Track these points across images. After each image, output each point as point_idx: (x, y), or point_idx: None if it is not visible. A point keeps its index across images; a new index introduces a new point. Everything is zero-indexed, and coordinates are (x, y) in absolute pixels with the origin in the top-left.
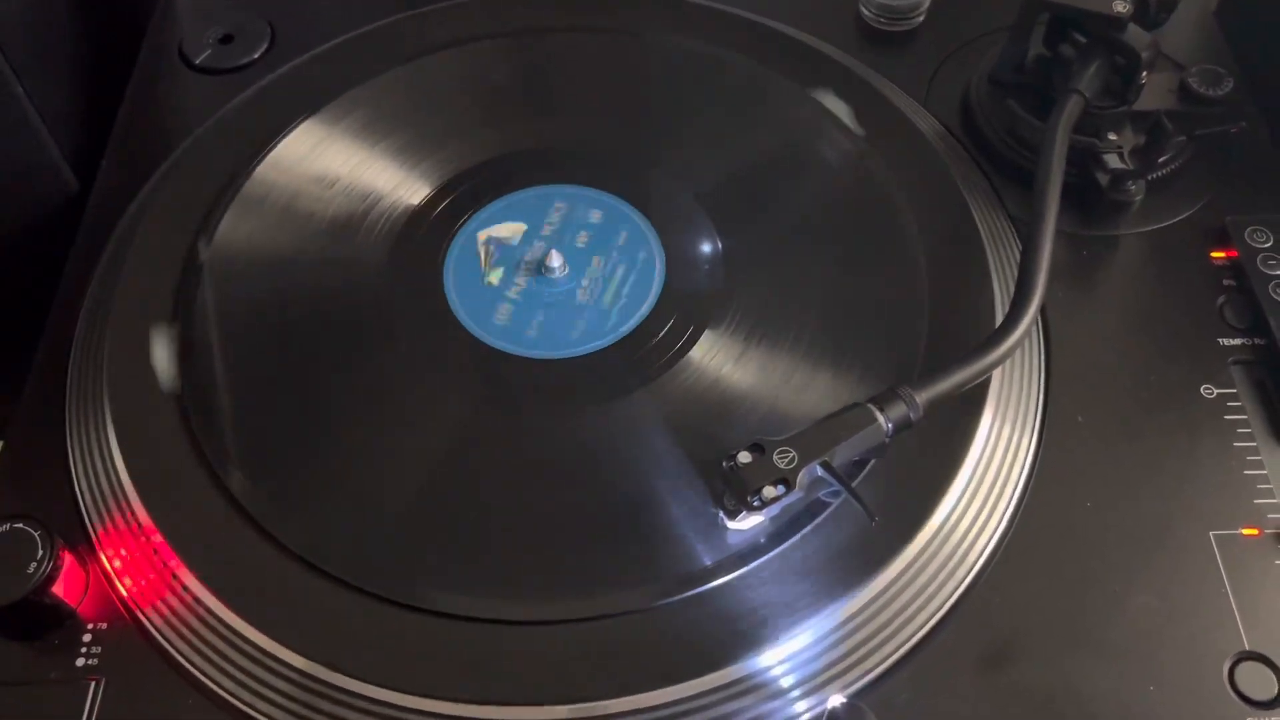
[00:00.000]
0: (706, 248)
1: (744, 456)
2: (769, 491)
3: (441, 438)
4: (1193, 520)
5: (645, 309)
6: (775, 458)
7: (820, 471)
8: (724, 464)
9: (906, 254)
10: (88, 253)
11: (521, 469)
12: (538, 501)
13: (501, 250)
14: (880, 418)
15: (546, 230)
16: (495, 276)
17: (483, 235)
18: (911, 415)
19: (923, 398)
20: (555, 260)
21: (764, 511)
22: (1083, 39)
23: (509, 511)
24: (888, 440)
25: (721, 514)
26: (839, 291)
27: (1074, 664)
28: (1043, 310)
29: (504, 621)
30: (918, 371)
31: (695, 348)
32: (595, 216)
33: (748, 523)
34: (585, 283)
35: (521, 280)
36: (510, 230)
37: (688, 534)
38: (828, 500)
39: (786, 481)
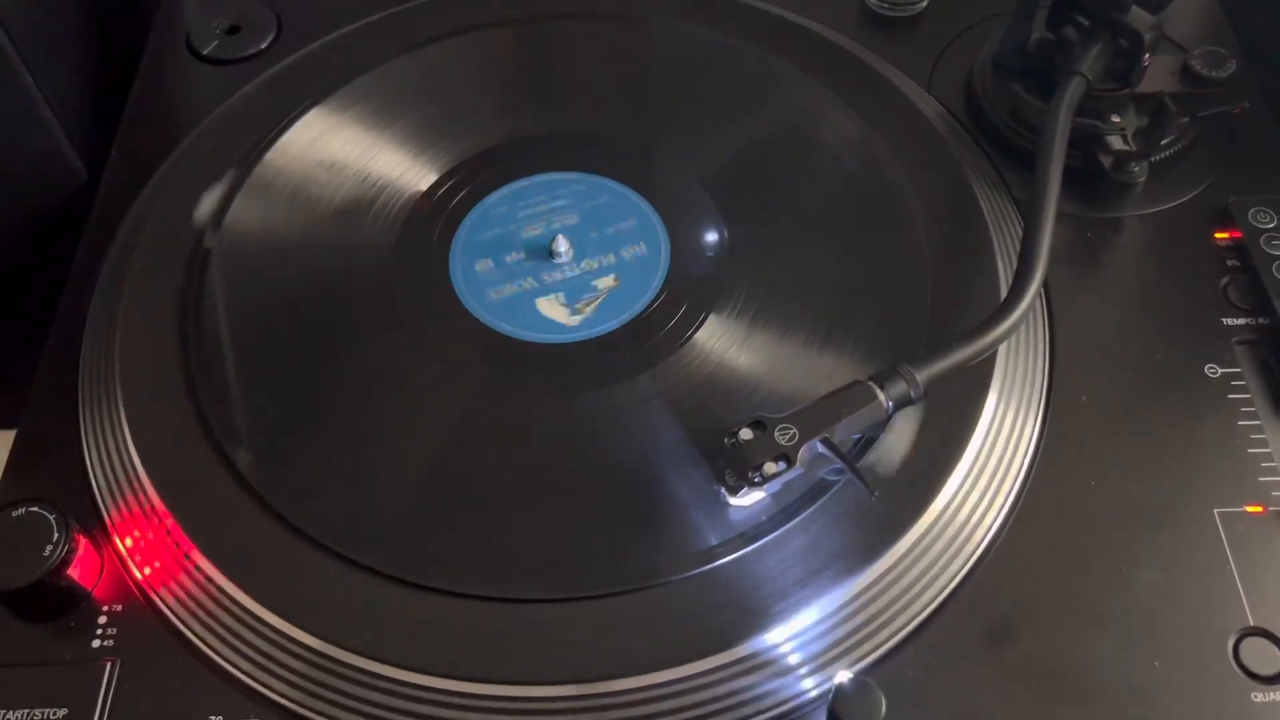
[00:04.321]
0: (712, 232)
1: (745, 433)
2: (770, 467)
3: (449, 419)
4: (1197, 498)
5: (651, 293)
6: (776, 434)
7: (821, 448)
8: (726, 440)
9: (910, 237)
10: (97, 241)
11: (529, 450)
12: (546, 482)
13: (515, 235)
14: (881, 395)
15: (551, 215)
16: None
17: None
18: (912, 393)
19: (923, 375)
20: (561, 245)
21: (765, 487)
22: (1086, 22)
23: (517, 491)
24: (889, 417)
25: (723, 490)
26: (844, 274)
27: (1079, 640)
28: (1046, 291)
29: (512, 600)
30: (921, 353)
31: (701, 331)
32: (601, 202)
33: (749, 499)
34: (591, 266)
35: (527, 264)
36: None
37: (694, 513)
38: (832, 479)
39: (787, 457)
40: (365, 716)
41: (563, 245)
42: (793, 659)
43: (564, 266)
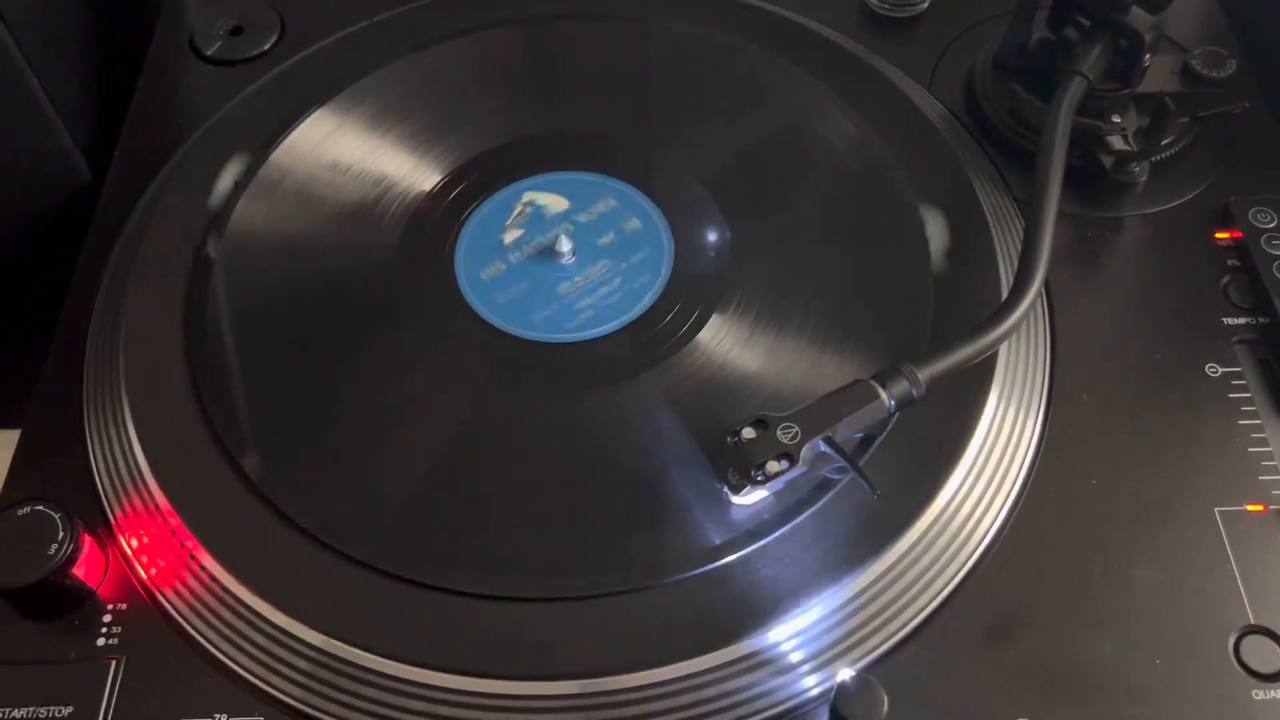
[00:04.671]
0: (714, 232)
1: (748, 432)
2: (772, 466)
3: (454, 419)
4: (1197, 497)
5: (654, 293)
6: (779, 433)
7: (823, 447)
8: (728, 439)
9: (912, 236)
10: (101, 241)
11: (532, 449)
12: (550, 481)
13: (533, 216)
14: (883, 394)
15: (555, 214)
16: (510, 237)
17: (526, 196)
18: (914, 392)
19: (925, 374)
20: (564, 245)
21: (768, 486)
22: (1086, 22)
23: (521, 490)
24: (890, 416)
25: (725, 488)
26: (845, 274)
27: (1080, 638)
28: (1048, 291)
29: (516, 598)
30: (923, 352)
31: (703, 331)
32: (604, 202)
33: (751, 497)
34: (594, 267)
35: (531, 265)
36: (552, 201)
37: (697, 512)
38: (834, 477)
39: (789, 456)
40: (370, 714)
41: (565, 245)
42: (795, 657)
43: (566, 266)
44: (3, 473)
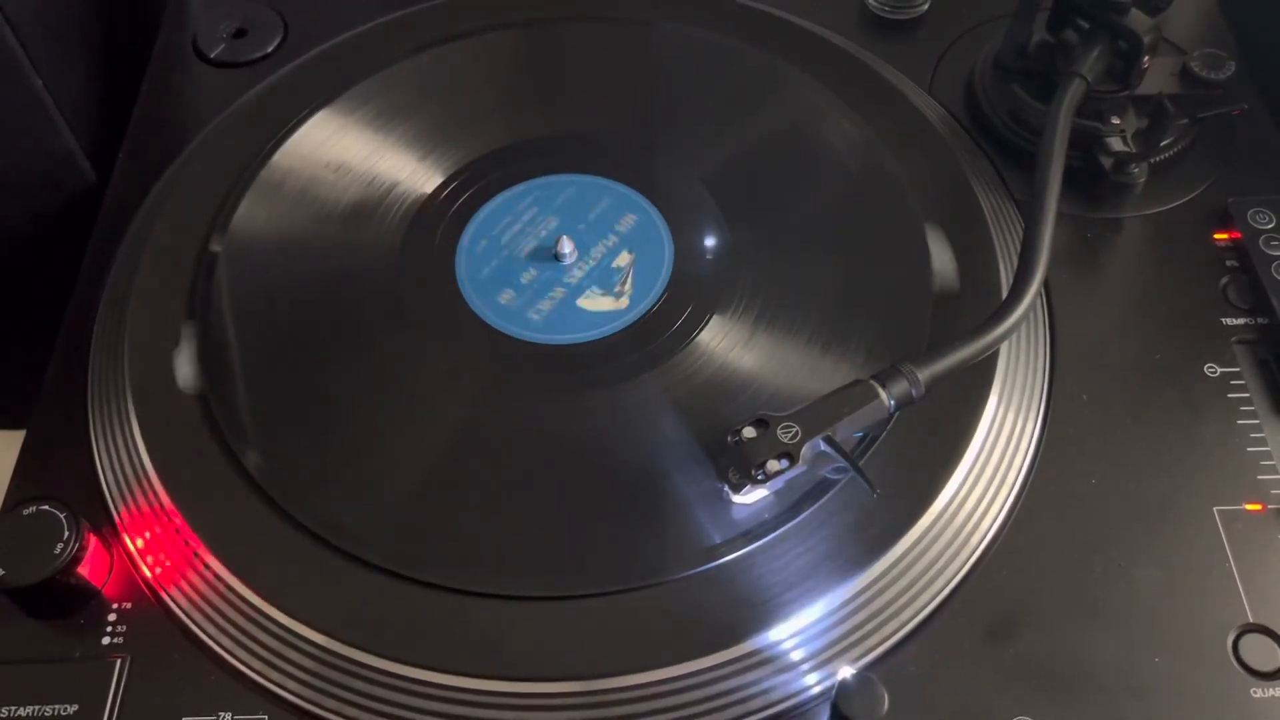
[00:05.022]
0: (714, 233)
1: (748, 431)
2: (772, 465)
3: (455, 419)
4: (1197, 496)
5: (655, 294)
6: (779, 432)
7: (823, 446)
8: (729, 438)
9: (912, 237)
10: (106, 242)
11: (534, 449)
12: (551, 481)
13: (529, 223)
14: (882, 394)
15: (556, 216)
16: (511, 238)
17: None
18: (913, 392)
19: (925, 374)
20: (566, 246)
21: (768, 485)
22: (1085, 24)
23: (522, 490)
24: (890, 416)
25: (726, 488)
26: (846, 275)
27: (1080, 636)
28: (1047, 292)
29: (518, 597)
30: (923, 352)
31: (704, 332)
32: (604, 204)
33: (752, 496)
34: (595, 268)
35: (532, 266)
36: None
37: (698, 511)
38: (834, 477)
39: (789, 455)
40: (373, 713)
41: (567, 246)
42: (796, 655)
43: (568, 267)
44: (8, 473)
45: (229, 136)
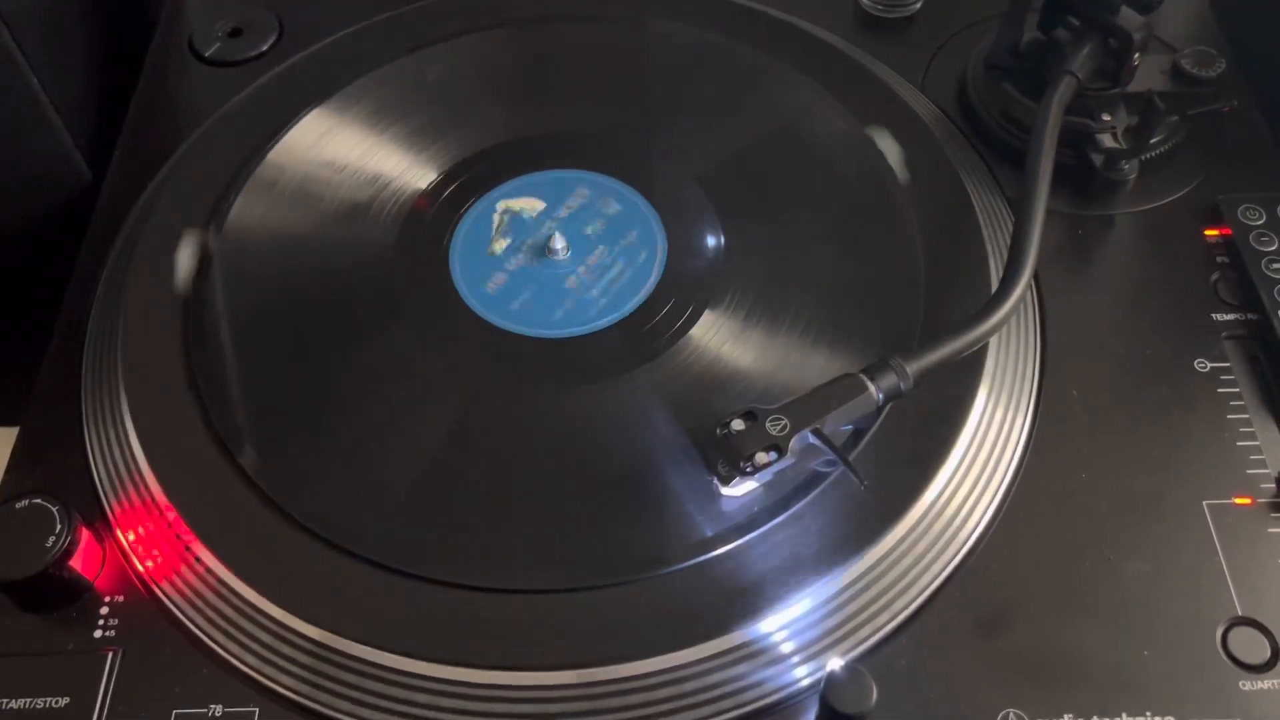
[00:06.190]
0: (707, 229)
1: (737, 424)
2: (761, 457)
3: (449, 414)
4: (1186, 490)
5: (647, 290)
6: (768, 424)
7: (812, 439)
8: (718, 431)
9: (904, 234)
10: (101, 239)
11: (527, 443)
12: (543, 475)
13: (514, 224)
14: (871, 387)
15: (549, 213)
16: (500, 246)
17: (501, 205)
18: (902, 385)
19: (913, 368)
20: (558, 243)
21: (757, 477)
22: (1076, 22)
23: (515, 484)
24: (879, 409)
25: (715, 480)
26: (837, 270)
27: (1069, 629)
28: (1038, 288)
29: (511, 590)
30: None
31: (696, 327)
32: (598, 201)
33: (741, 488)
34: (587, 264)
35: (525, 262)
36: (528, 205)
37: (689, 505)
38: (823, 470)
39: (778, 447)
40: (366, 705)
41: (559, 242)
42: (786, 647)
43: (560, 263)
44: (1, 468)
45: (224, 134)
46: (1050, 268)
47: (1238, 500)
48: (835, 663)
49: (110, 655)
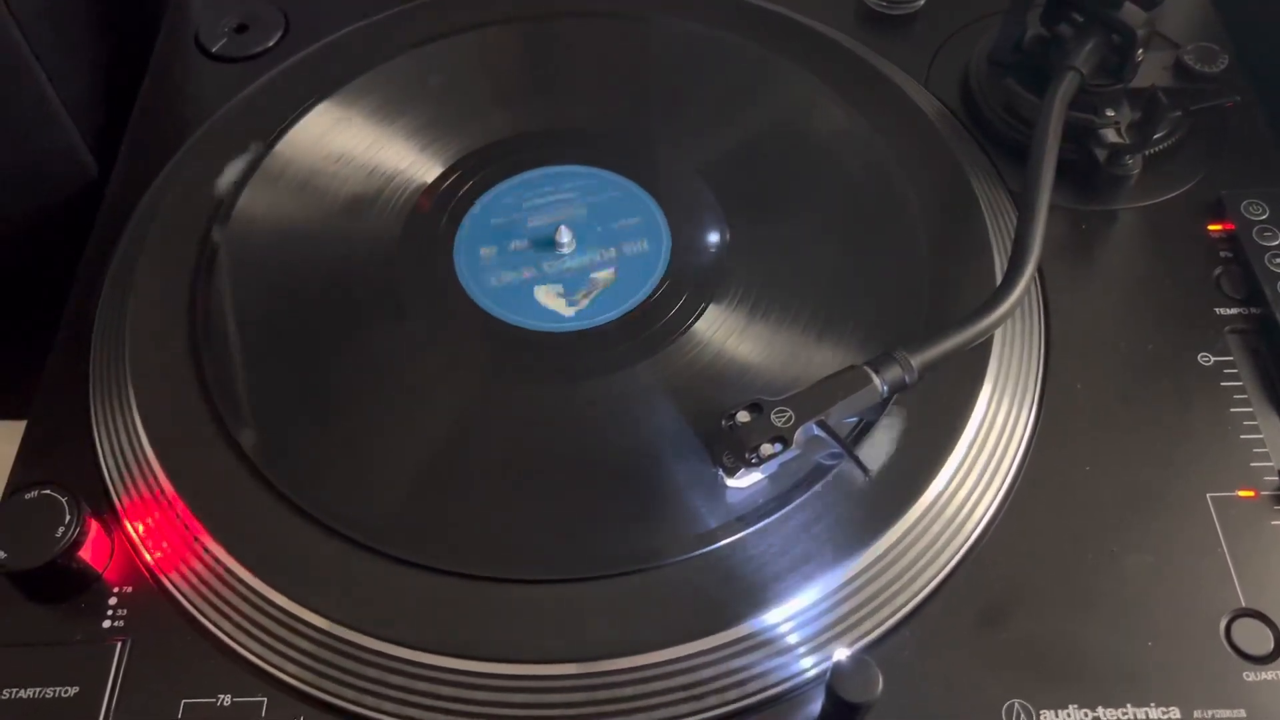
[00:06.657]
0: (712, 224)
1: (742, 415)
2: (766, 449)
3: (454, 405)
4: (1190, 483)
5: (651, 284)
6: (773, 416)
7: (817, 430)
8: (723, 423)
9: (907, 228)
10: (108, 233)
11: (532, 435)
12: (549, 466)
13: (519, 226)
14: (876, 379)
15: (554, 207)
16: (509, 229)
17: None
18: (906, 377)
19: (918, 360)
20: (564, 236)
21: (762, 469)
22: (1080, 18)
23: (521, 475)
24: (884, 401)
25: (720, 471)
26: (842, 265)
27: (1073, 621)
28: (1042, 282)
29: (516, 580)
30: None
31: (701, 320)
32: (602, 195)
33: (746, 480)
34: (592, 258)
35: (530, 255)
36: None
37: (694, 496)
38: (828, 463)
39: (783, 439)
40: (372, 695)
41: (565, 236)
42: (791, 639)
43: (565, 258)
44: (9, 464)
45: (230, 128)
46: (1054, 263)
47: (1241, 493)
48: (841, 653)
49: (119, 645)
